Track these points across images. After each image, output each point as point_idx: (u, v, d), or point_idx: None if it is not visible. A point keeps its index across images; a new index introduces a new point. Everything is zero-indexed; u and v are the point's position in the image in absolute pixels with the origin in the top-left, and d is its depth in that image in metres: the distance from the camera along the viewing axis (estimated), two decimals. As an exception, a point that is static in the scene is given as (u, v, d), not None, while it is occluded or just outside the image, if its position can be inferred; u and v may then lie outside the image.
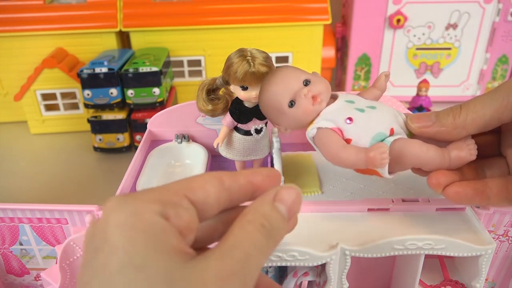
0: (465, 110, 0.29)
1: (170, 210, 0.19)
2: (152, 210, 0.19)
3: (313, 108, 0.33)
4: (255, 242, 0.20)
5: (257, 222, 0.21)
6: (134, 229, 0.18)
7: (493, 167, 0.32)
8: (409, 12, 0.89)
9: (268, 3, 0.86)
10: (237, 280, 0.18)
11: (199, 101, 0.46)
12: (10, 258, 0.48)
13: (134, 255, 0.17)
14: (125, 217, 0.18)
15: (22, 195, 0.71)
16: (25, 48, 0.85)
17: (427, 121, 0.30)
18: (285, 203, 0.22)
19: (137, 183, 0.47)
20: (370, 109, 0.32)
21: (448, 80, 0.97)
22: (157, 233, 0.18)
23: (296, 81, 0.35)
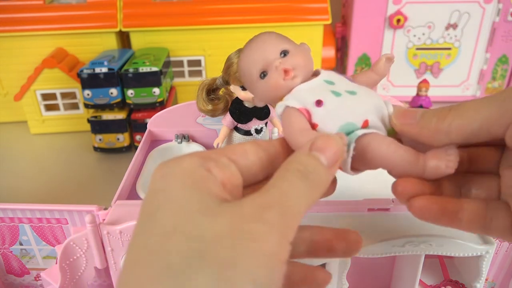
0: (454, 113, 0.24)
1: (209, 163, 0.21)
2: (192, 161, 0.20)
3: (284, 83, 0.28)
4: (291, 183, 0.20)
5: (293, 168, 0.21)
6: (174, 175, 0.20)
7: (482, 186, 0.26)
8: (409, 12, 0.89)
9: (268, 3, 0.86)
10: (275, 211, 0.18)
11: (199, 101, 0.46)
12: (10, 258, 0.48)
13: (173, 194, 0.19)
14: (167, 168, 0.20)
15: (22, 195, 0.71)
16: (25, 48, 0.85)
17: (411, 119, 0.25)
18: (321, 150, 0.22)
19: (137, 183, 0.47)
20: (348, 94, 0.27)
21: (448, 80, 0.97)
22: (196, 178, 0.19)
23: (273, 50, 0.30)
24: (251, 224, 0.18)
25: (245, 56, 0.32)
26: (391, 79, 0.97)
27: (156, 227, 0.18)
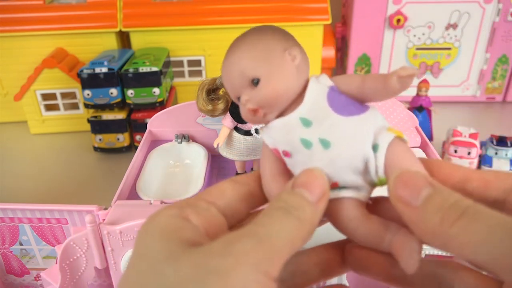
0: (465, 224, 0.17)
1: (187, 210, 0.20)
2: (168, 214, 0.20)
3: (256, 119, 0.24)
4: (273, 218, 0.18)
5: (275, 207, 0.19)
6: (149, 232, 0.19)
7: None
8: (409, 12, 0.89)
9: (268, 3, 0.86)
10: (246, 241, 0.17)
11: (199, 101, 0.46)
12: (10, 258, 0.48)
13: (145, 251, 0.18)
14: (144, 226, 0.19)
15: (22, 195, 0.71)
16: (25, 48, 0.85)
17: (411, 197, 0.18)
18: (304, 186, 0.20)
19: (137, 183, 0.47)
20: (320, 146, 0.22)
21: (448, 80, 0.97)
22: (170, 230, 0.19)
23: (241, 77, 0.24)
24: (216, 259, 0.16)
25: (222, 70, 0.26)
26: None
27: (126, 278, 0.18)
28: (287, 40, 0.25)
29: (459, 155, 0.71)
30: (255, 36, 0.25)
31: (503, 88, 0.97)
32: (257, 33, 0.26)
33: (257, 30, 0.26)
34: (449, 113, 0.92)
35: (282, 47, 0.24)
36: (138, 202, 0.42)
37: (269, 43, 0.24)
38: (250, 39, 0.25)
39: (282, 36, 0.26)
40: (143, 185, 0.47)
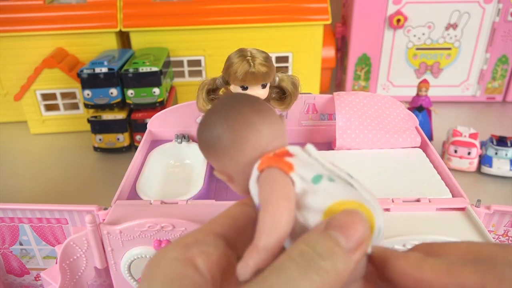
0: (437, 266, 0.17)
1: (193, 250, 0.19)
2: (172, 257, 0.19)
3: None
4: (288, 277, 0.15)
5: (296, 252, 0.16)
6: (153, 277, 0.18)
7: None
8: (409, 12, 0.89)
9: (268, 3, 0.86)
10: None
11: (199, 101, 0.46)
12: (10, 258, 0.48)
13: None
14: (148, 268, 0.19)
15: (22, 195, 0.71)
16: (25, 48, 0.85)
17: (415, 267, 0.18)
18: (342, 229, 0.17)
19: (137, 183, 0.47)
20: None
21: (448, 80, 0.97)
22: (171, 280, 0.18)
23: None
24: None
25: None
26: (391, 79, 0.97)
27: None
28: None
29: (459, 155, 0.71)
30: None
31: (503, 88, 0.97)
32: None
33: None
34: (449, 113, 0.92)
35: None
36: (138, 202, 0.42)
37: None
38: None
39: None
40: (143, 185, 0.47)
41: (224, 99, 0.25)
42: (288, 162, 0.22)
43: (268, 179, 0.21)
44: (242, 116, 0.23)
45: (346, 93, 0.54)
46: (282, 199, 0.20)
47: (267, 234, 0.19)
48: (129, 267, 0.40)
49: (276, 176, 0.21)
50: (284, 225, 0.19)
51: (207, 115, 0.25)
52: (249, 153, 0.23)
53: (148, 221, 0.38)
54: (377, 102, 0.53)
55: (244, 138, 0.23)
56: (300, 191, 0.21)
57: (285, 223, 0.19)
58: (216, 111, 0.24)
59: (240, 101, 0.24)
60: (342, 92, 0.54)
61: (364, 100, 0.53)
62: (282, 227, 0.19)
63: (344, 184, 0.21)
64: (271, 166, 0.22)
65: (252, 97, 0.25)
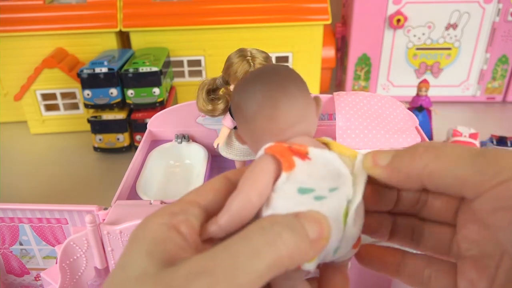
0: (431, 154, 0.20)
1: (178, 217, 0.20)
2: (158, 221, 0.20)
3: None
4: (249, 241, 0.18)
5: (261, 224, 0.18)
6: (137, 239, 0.19)
7: (433, 232, 0.24)
8: (409, 12, 0.89)
9: (268, 3, 0.86)
10: (206, 277, 0.16)
11: (199, 101, 0.46)
12: (10, 258, 0.48)
13: (127, 260, 0.19)
14: (135, 231, 0.20)
15: (22, 195, 0.71)
16: (25, 48, 0.85)
17: (382, 160, 0.22)
18: (309, 220, 0.19)
19: (137, 183, 0.47)
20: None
21: (448, 80, 0.97)
22: (156, 241, 0.19)
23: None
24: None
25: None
26: (391, 79, 0.97)
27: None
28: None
29: (459, 155, 0.71)
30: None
31: (503, 88, 0.97)
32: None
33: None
34: (449, 113, 0.92)
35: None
36: (138, 202, 0.42)
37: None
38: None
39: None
40: (143, 185, 0.47)
41: (268, 70, 0.25)
42: (293, 162, 0.22)
43: (258, 165, 0.22)
44: (271, 99, 0.23)
45: (346, 93, 0.54)
46: (255, 193, 0.21)
47: (229, 216, 0.20)
48: (129, 267, 0.40)
49: (265, 166, 0.22)
50: (244, 217, 0.21)
51: (250, 77, 0.25)
52: (264, 136, 0.24)
53: (148, 221, 0.38)
54: (377, 102, 0.53)
55: (263, 121, 0.23)
56: (278, 189, 0.21)
57: (246, 215, 0.21)
58: (257, 78, 0.24)
59: (279, 81, 0.24)
60: (342, 92, 0.54)
61: (364, 100, 0.53)
62: (242, 217, 0.21)
63: (328, 207, 0.21)
64: (274, 156, 0.22)
65: (291, 76, 0.25)
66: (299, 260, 0.19)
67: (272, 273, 0.17)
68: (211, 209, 0.22)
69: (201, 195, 0.22)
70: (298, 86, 0.24)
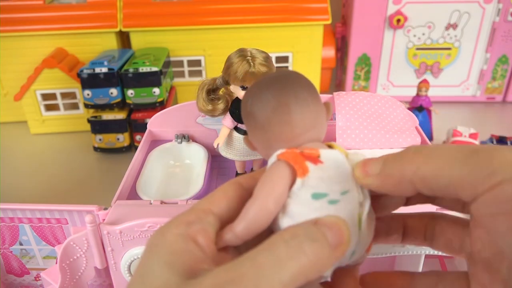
0: (422, 158, 0.20)
1: (195, 227, 0.20)
2: (175, 231, 0.20)
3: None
4: (274, 253, 0.17)
5: (285, 235, 0.18)
6: (155, 249, 0.19)
7: (445, 233, 0.24)
8: (409, 12, 0.89)
9: (268, 3, 0.86)
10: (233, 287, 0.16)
11: (199, 101, 0.46)
12: (10, 258, 0.48)
13: (146, 270, 0.19)
14: (152, 240, 0.20)
15: (22, 195, 0.71)
16: (25, 48, 0.85)
17: (373, 168, 0.21)
18: (329, 227, 0.19)
19: (137, 183, 0.47)
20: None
21: (448, 80, 0.97)
22: (174, 252, 0.19)
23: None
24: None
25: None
26: (391, 79, 0.97)
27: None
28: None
29: (459, 155, 0.71)
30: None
31: (503, 88, 0.97)
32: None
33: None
34: (449, 113, 0.92)
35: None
36: (138, 202, 0.42)
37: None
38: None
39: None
40: (143, 185, 0.47)
41: (280, 76, 0.25)
42: (306, 167, 0.22)
43: (272, 172, 0.22)
44: (285, 106, 0.23)
45: (346, 93, 0.54)
46: (272, 200, 0.21)
47: (245, 224, 0.20)
48: (129, 267, 0.40)
49: (280, 173, 0.21)
50: (261, 224, 0.21)
51: (262, 83, 0.25)
52: (276, 142, 0.24)
53: (148, 221, 0.38)
54: (377, 102, 0.53)
55: (277, 127, 0.23)
56: (293, 195, 0.21)
57: (262, 223, 0.21)
58: (270, 84, 0.24)
59: (291, 87, 0.24)
60: (342, 92, 0.54)
61: (364, 100, 0.53)
62: (259, 225, 0.21)
63: (343, 211, 0.21)
64: (287, 162, 0.22)
65: (302, 82, 0.25)
66: (321, 269, 0.19)
67: (296, 283, 0.17)
68: (224, 216, 0.21)
69: (214, 203, 0.22)
70: (310, 92, 0.25)
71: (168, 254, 0.19)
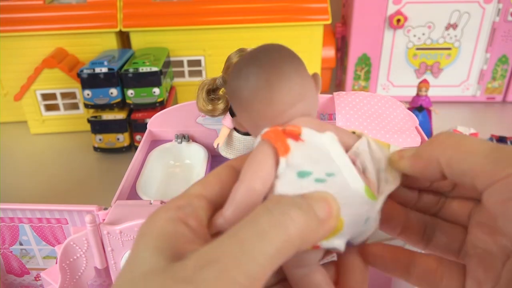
0: (451, 143, 0.21)
1: (185, 210, 0.20)
2: (165, 216, 0.19)
3: None
4: (257, 226, 0.17)
5: (268, 206, 0.18)
6: (145, 235, 0.19)
7: (446, 232, 0.24)
8: (409, 12, 0.89)
9: (268, 3, 0.86)
10: (212, 270, 0.16)
11: (199, 101, 0.46)
12: (10, 258, 0.48)
13: (132, 253, 0.19)
14: (142, 228, 0.20)
15: (22, 195, 0.71)
16: (25, 48, 0.85)
17: (407, 151, 0.23)
18: (317, 200, 0.19)
19: (137, 183, 0.47)
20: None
21: (448, 80, 0.97)
22: (163, 236, 0.19)
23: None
24: (180, 286, 0.16)
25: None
26: (391, 79, 0.97)
27: (114, 284, 0.18)
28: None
29: (459, 155, 0.71)
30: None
31: (503, 88, 0.97)
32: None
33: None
34: (449, 113, 0.92)
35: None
36: (138, 202, 0.42)
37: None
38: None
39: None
40: (143, 185, 0.47)
41: (261, 52, 0.24)
42: (287, 146, 0.21)
43: (256, 153, 0.21)
44: (265, 82, 0.23)
45: (346, 93, 0.54)
46: (258, 181, 0.20)
47: (234, 207, 0.20)
48: (129, 267, 0.40)
49: (264, 153, 0.21)
50: (250, 206, 0.20)
51: (243, 60, 0.24)
52: (261, 121, 0.23)
53: (148, 221, 0.38)
54: (377, 102, 0.53)
55: (259, 106, 0.23)
56: (280, 175, 0.21)
57: (251, 204, 0.20)
58: (250, 62, 0.24)
59: (273, 62, 0.23)
60: (342, 92, 0.54)
61: (364, 100, 0.53)
62: (248, 207, 0.20)
63: (334, 188, 0.21)
64: (269, 141, 0.21)
65: (284, 55, 0.24)
66: (310, 240, 0.18)
67: (283, 255, 0.17)
68: (218, 201, 0.21)
69: (207, 188, 0.21)
70: (294, 65, 0.24)
71: (156, 239, 0.18)
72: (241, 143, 0.48)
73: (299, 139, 0.22)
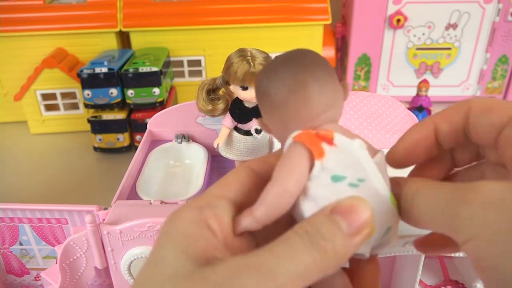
0: (477, 98, 0.23)
1: (207, 212, 0.20)
2: (188, 216, 0.19)
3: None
4: (291, 246, 0.17)
5: (301, 230, 0.18)
6: (168, 235, 0.19)
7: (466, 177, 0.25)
8: (409, 12, 0.89)
9: (268, 3, 0.86)
10: (249, 277, 0.16)
11: (199, 101, 0.46)
12: (10, 258, 0.48)
13: (159, 255, 0.18)
14: (165, 226, 0.20)
15: (22, 195, 0.71)
16: (25, 48, 0.85)
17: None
18: (345, 214, 0.18)
19: (137, 183, 0.47)
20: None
21: (448, 80, 0.97)
22: (186, 237, 0.19)
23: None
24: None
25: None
26: (391, 79, 0.97)
27: (135, 284, 0.18)
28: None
29: (459, 155, 0.71)
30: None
31: (503, 88, 0.97)
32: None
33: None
34: (449, 113, 0.92)
35: None
36: (138, 202, 0.42)
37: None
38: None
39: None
40: (143, 185, 0.47)
41: (296, 55, 0.24)
42: (322, 149, 0.21)
43: (291, 154, 0.21)
44: (302, 84, 0.22)
45: (346, 93, 0.54)
46: (292, 182, 0.20)
47: (266, 207, 0.20)
48: (129, 267, 0.40)
49: (299, 155, 0.21)
50: (282, 207, 0.20)
51: (277, 61, 0.24)
52: (293, 123, 0.23)
53: (148, 221, 0.38)
54: (377, 102, 0.53)
55: (294, 107, 0.22)
56: (314, 178, 0.21)
57: (283, 205, 0.20)
58: (286, 63, 0.23)
59: (308, 65, 0.23)
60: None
61: (364, 100, 0.53)
62: (279, 208, 0.20)
63: (365, 194, 0.20)
64: (304, 144, 0.21)
65: (319, 60, 0.24)
66: (337, 262, 0.18)
67: (311, 277, 0.17)
68: (238, 201, 0.21)
69: (227, 188, 0.21)
70: (328, 71, 0.23)
71: (180, 240, 0.18)
72: (241, 143, 0.48)
73: (332, 143, 0.22)
